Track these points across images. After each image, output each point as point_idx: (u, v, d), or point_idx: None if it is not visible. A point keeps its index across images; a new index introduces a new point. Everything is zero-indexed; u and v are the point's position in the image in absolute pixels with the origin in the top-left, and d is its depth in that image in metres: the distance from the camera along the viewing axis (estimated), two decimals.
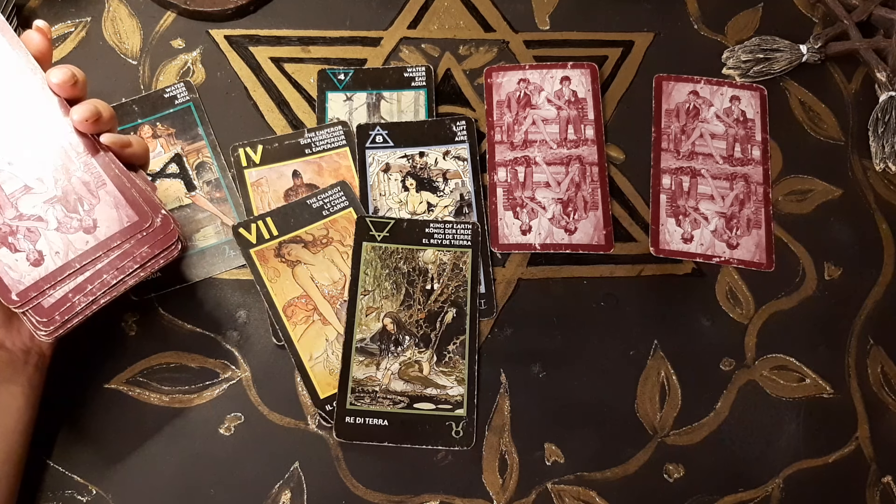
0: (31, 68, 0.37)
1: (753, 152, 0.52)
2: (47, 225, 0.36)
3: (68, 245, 0.36)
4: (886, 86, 0.54)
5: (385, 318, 0.46)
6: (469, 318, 0.47)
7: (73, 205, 0.36)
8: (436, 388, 0.45)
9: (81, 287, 0.36)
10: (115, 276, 0.36)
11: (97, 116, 0.36)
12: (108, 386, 0.45)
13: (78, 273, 0.36)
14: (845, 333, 0.49)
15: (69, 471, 0.43)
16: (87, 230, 0.36)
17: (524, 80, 0.54)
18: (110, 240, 0.36)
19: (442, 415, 0.44)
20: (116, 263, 0.36)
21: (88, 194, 0.36)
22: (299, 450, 0.44)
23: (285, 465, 0.44)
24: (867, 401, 0.48)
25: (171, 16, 0.55)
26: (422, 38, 0.55)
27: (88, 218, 0.36)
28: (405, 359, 0.46)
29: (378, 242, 0.48)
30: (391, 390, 0.45)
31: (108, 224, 0.36)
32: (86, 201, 0.36)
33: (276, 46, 0.54)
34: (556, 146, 0.52)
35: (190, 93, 0.52)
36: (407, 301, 0.47)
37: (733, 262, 0.50)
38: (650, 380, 0.47)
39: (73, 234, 0.36)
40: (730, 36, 0.57)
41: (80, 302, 0.36)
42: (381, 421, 0.44)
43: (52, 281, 0.35)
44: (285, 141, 0.51)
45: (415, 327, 0.46)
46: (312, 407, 0.45)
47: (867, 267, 0.51)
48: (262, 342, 0.47)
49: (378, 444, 0.44)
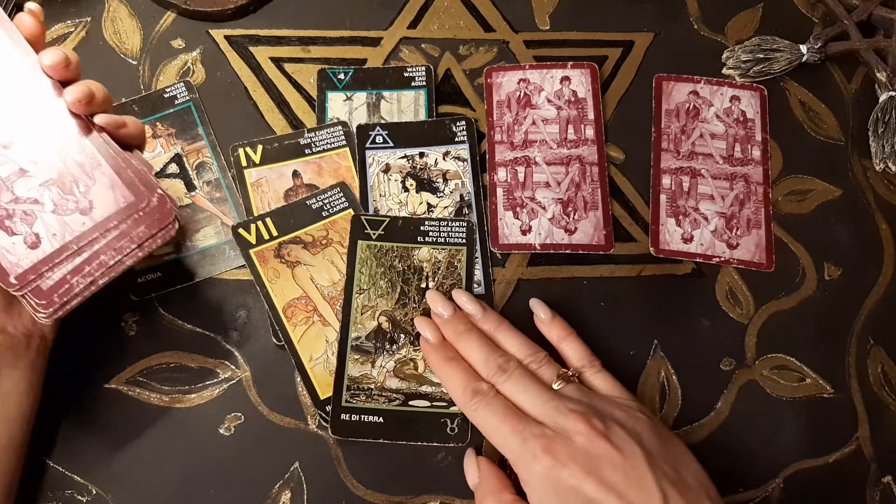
0: (23, 51, 0.37)
1: (753, 152, 0.52)
2: (43, 207, 0.36)
3: (65, 227, 0.36)
4: (886, 86, 0.54)
5: (380, 317, 0.46)
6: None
7: (68, 187, 0.36)
8: (430, 386, 0.45)
9: (79, 268, 0.36)
10: (112, 257, 0.36)
11: (90, 97, 0.36)
12: (108, 386, 0.45)
13: (75, 255, 0.36)
14: (845, 333, 0.49)
15: (69, 471, 0.43)
16: (83, 211, 0.36)
17: (524, 80, 0.54)
18: (107, 220, 0.36)
19: (437, 412, 0.45)
20: (114, 244, 0.36)
21: (84, 175, 0.36)
22: (299, 450, 0.44)
23: (285, 465, 0.44)
24: (867, 401, 0.48)
25: (171, 16, 0.55)
26: (422, 38, 0.55)
27: (84, 199, 0.36)
28: (400, 357, 0.46)
29: (373, 241, 0.48)
30: (386, 388, 0.45)
31: (105, 205, 0.36)
32: (81, 183, 0.36)
33: (276, 46, 0.54)
34: (556, 146, 0.52)
35: (190, 93, 0.52)
36: (402, 299, 0.47)
37: (733, 262, 0.50)
38: (650, 380, 0.47)
39: (69, 216, 0.36)
40: (730, 36, 0.57)
41: (78, 283, 0.36)
42: (377, 418, 0.44)
43: (49, 263, 0.35)
44: (285, 141, 0.51)
45: (410, 325, 0.46)
46: (312, 407, 0.45)
47: (867, 267, 0.51)
48: (262, 342, 0.47)
49: (374, 440, 0.44)
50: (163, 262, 0.48)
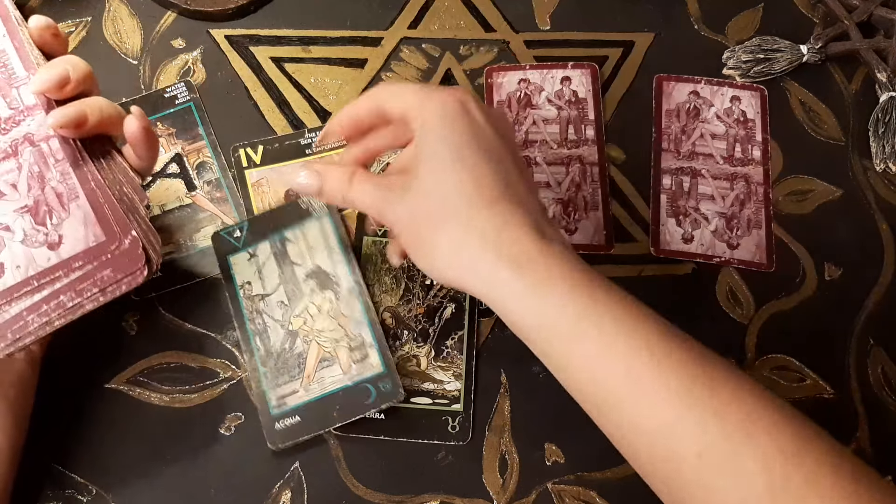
0: (25, 64, 0.35)
1: (754, 152, 0.52)
2: (13, 236, 0.34)
3: (30, 260, 0.33)
4: (887, 86, 0.54)
5: (384, 313, 0.46)
6: (468, 313, 0.47)
7: (41, 217, 0.34)
8: (433, 383, 0.45)
9: (37, 306, 0.33)
10: (71, 298, 0.33)
11: (80, 122, 0.33)
12: (108, 386, 0.45)
13: (35, 291, 0.33)
14: (845, 333, 0.49)
15: (69, 470, 0.43)
16: (51, 246, 0.34)
17: (525, 81, 0.54)
18: (73, 259, 0.34)
19: (439, 409, 0.45)
20: (76, 285, 0.33)
21: (60, 207, 0.34)
22: (299, 450, 0.44)
23: (285, 465, 0.44)
24: (867, 401, 0.48)
25: (171, 15, 0.55)
26: (422, 38, 0.55)
27: (55, 233, 0.34)
28: (403, 353, 0.46)
29: (379, 237, 0.48)
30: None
31: (74, 242, 0.34)
32: (55, 214, 0.34)
33: (277, 46, 0.54)
34: (557, 146, 0.52)
35: (190, 93, 0.52)
36: (406, 296, 0.47)
37: (733, 262, 0.50)
38: None
39: (36, 249, 0.34)
40: (730, 36, 0.57)
41: (33, 322, 0.33)
42: (378, 414, 0.44)
43: (9, 296, 0.33)
44: (286, 141, 0.51)
45: (413, 322, 0.46)
46: None
47: (867, 267, 0.51)
48: None
49: (374, 437, 0.44)
50: (163, 261, 0.48)
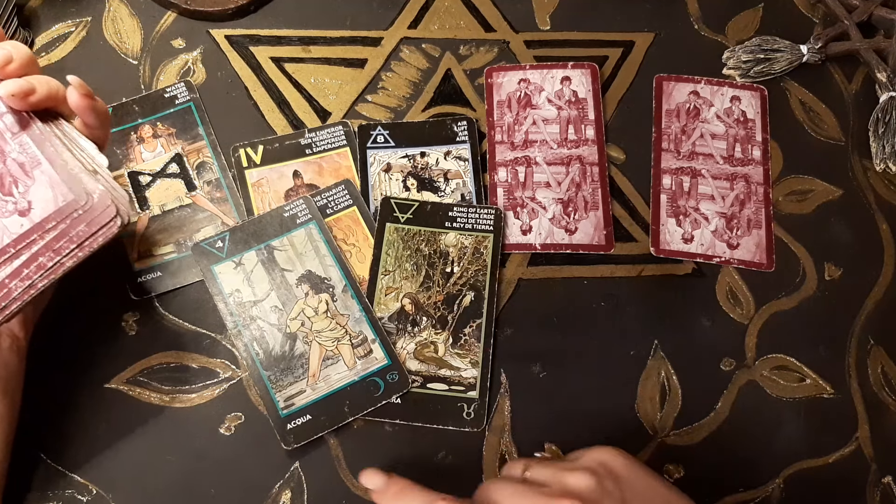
0: None
1: (754, 152, 0.52)
2: None
3: (3, 229, 0.35)
4: (887, 86, 0.54)
5: (404, 299, 0.47)
6: (487, 302, 0.47)
7: (7, 188, 0.35)
8: (450, 370, 0.46)
9: (17, 272, 0.34)
10: (51, 258, 0.35)
11: (27, 91, 0.34)
12: (108, 386, 0.45)
13: (13, 258, 0.34)
14: (845, 333, 0.49)
15: (69, 470, 0.43)
16: (21, 213, 0.35)
17: (525, 80, 0.54)
18: (45, 221, 0.34)
19: (454, 396, 0.45)
20: (52, 245, 0.35)
21: (24, 175, 0.35)
22: (299, 449, 0.44)
23: (285, 465, 0.44)
24: (867, 401, 0.48)
25: (171, 15, 0.55)
26: (422, 38, 0.55)
27: (24, 200, 0.35)
28: (421, 339, 0.46)
29: (401, 224, 0.48)
30: (406, 369, 0.45)
31: (44, 204, 0.35)
32: (21, 183, 0.35)
33: (277, 46, 0.54)
34: (557, 146, 0.52)
35: (190, 92, 0.52)
36: (426, 283, 0.47)
37: (733, 262, 0.50)
38: (650, 380, 0.47)
39: (7, 218, 0.35)
40: (730, 36, 0.57)
41: (16, 287, 0.34)
42: (395, 399, 0.44)
43: None
44: (286, 141, 0.51)
45: (432, 309, 0.47)
46: None
47: (867, 267, 0.51)
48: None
49: (390, 420, 0.44)
50: (163, 261, 0.48)
